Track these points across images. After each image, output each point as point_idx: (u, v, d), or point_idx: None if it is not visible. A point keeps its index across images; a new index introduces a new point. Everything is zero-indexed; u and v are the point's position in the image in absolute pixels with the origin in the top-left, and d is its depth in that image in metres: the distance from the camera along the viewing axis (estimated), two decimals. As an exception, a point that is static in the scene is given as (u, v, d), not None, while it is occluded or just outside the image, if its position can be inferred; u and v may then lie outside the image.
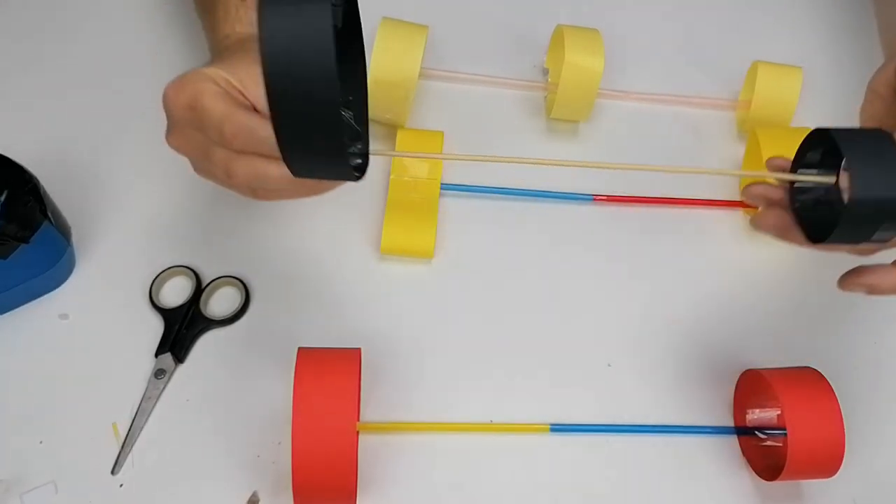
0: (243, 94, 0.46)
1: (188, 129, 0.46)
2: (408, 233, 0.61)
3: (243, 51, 0.50)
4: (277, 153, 0.42)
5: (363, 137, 0.46)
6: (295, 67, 0.35)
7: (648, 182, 0.67)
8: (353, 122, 0.44)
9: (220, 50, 0.53)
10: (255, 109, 0.46)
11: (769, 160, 0.54)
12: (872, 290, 0.50)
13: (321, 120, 0.37)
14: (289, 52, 0.35)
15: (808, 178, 0.50)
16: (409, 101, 0.63)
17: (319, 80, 0.36)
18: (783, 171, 0.51)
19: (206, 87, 0.45)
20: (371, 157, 0.50)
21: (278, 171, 0.44)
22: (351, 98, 0.47)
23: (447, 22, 0.71)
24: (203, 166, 0.48)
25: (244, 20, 0.53)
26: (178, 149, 0.48)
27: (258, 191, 0.47)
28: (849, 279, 0.50)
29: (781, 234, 0.51)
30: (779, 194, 0.52)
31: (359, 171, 0.42)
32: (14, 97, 0.66)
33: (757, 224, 0.52)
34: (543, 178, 0.66)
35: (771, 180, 0.53)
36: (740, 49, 0.75)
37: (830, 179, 0.49)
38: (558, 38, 0.68)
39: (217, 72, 0.46)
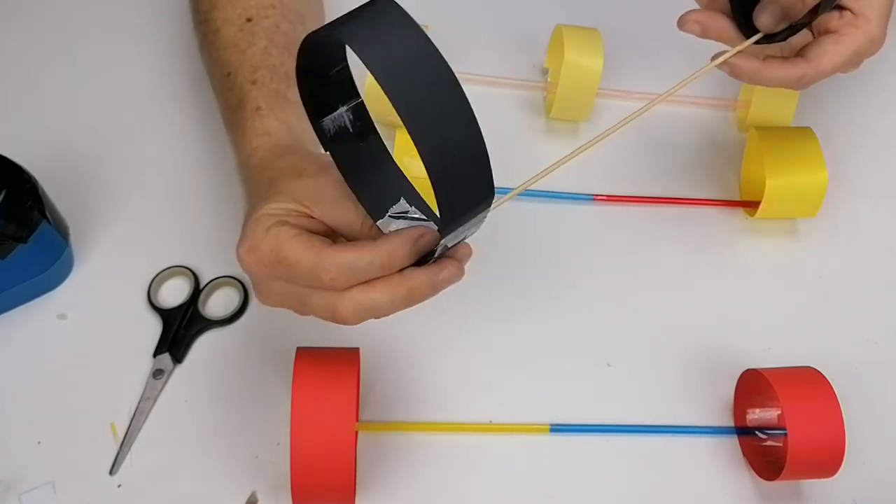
0: (311, 216, 0.43)
1: (276, 283, 0.43)
2: (407, 233, 0.61)
3: (278, 169, 0.47)
4: (386, 272, 0.41)
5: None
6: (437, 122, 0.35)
7: (648, 182, 0.67)
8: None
9: (250, 172, 0.50)
10: (328, 226, 0.44)
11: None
12: (734, 71, 0.55)
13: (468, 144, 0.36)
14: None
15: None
16: (409, 101, 0.63)
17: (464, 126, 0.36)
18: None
19: (280, 235, 0.41)
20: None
21: (388, 296, 0.41)
22: None
23: (447, 22, 0.71)
24: (304, 311, 0.44)
25: (259, 131, 0.51)
26: (273, 306, 0.44)
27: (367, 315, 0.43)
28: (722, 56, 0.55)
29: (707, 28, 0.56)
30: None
31: None
32: (13, 97, 0.66)
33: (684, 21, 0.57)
34: (543, 177, 0.66)
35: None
36: (740, 49, 0.75)
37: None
38: (558, 37, 0.68)
39: (278, 207, 0.43)
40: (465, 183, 0.37)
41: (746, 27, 0.56)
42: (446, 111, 0.35)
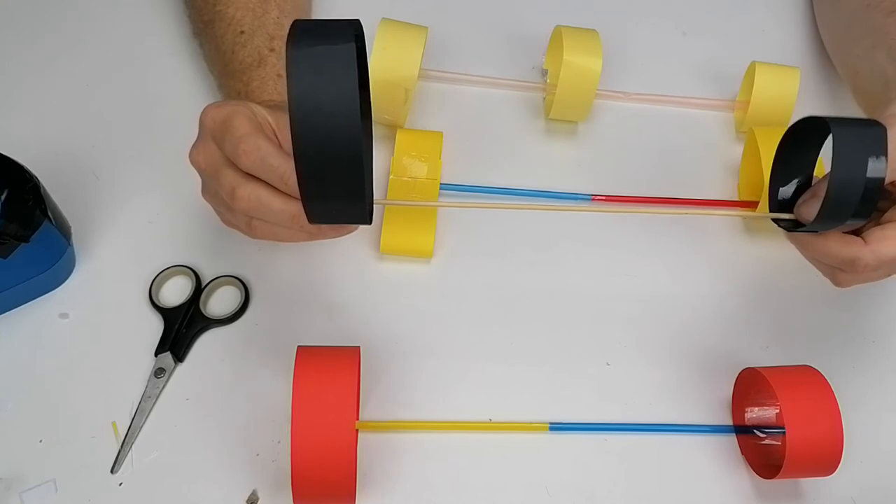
0: (276, 135, 0.49)
1: (211, 143, 0.48)
2: (407, 233, 0.61)
3: (284, 108, 0.53)
4: (283, 186, 0.45)
5: (368, 189, 0.48)
6: (320, 117, 0.39)
7: (647, 182, 0.68)
8: None
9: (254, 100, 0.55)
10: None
11: None
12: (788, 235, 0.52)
13: (344, 164, 0.39)
14: (315, 106, 0.39)
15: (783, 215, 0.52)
16: (409, 102, 0.63)
17: (344, 129, 0.39)
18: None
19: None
20: (369, 160, 0.50)
21: (280, 204, 0.46)
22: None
23: (447, 23, 0.71)
24: (210, 186, 0.49)
25: (281, 92, 0.56)
26: (196, 163, 0.49)
27: (254, 223, 0.48)
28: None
29: None
30: None
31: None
32: (15, 97, 0.66)
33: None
34: (542, 178, 0.66)
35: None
36: (738, 49, 0.75)
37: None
38: (557, 38, 0.68)
39: (259, 108, 0.49)
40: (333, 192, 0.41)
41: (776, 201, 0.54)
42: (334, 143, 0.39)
